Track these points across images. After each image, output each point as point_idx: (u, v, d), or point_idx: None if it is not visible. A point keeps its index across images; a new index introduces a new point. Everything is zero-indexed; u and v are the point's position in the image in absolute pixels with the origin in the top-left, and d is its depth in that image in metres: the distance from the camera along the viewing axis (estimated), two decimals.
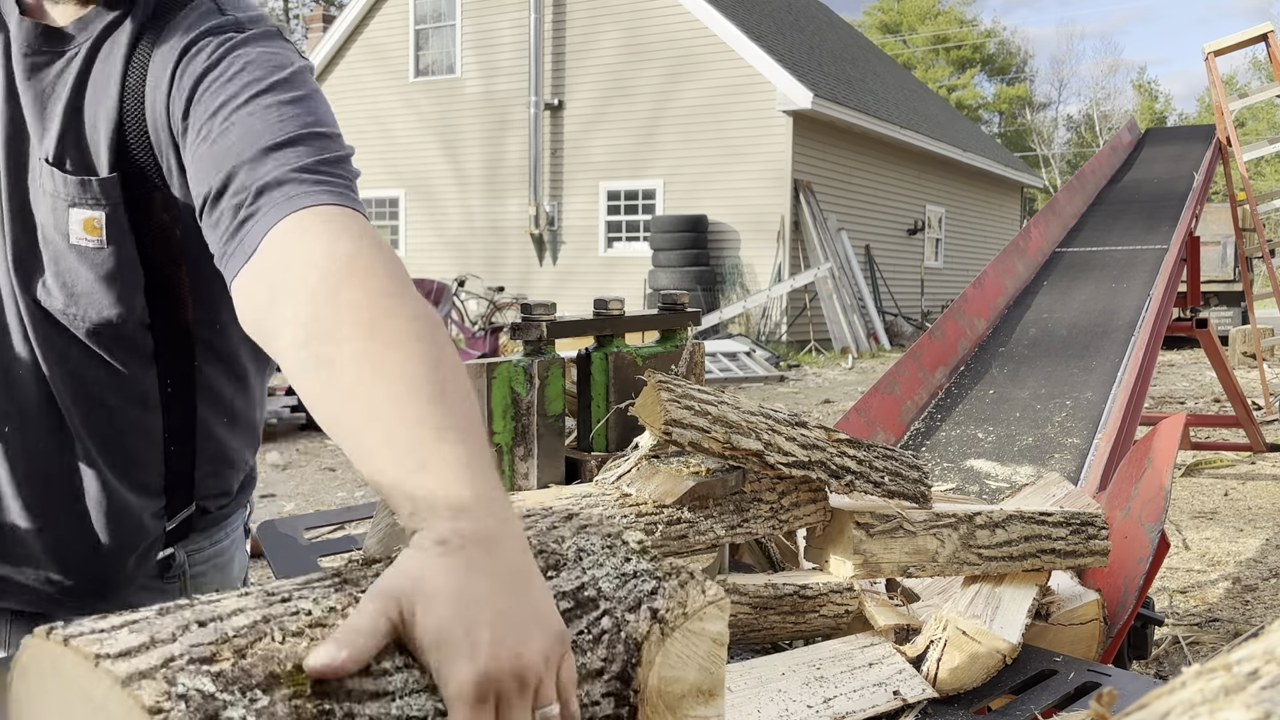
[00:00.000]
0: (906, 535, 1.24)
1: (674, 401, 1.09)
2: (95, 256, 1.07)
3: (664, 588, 0.73)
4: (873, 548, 1.23)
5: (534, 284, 17.07)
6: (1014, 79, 52.70)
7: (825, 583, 1.24)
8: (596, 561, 0.74)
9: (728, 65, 15.66)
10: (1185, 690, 0.37)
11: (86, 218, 1.06)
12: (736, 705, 1.03)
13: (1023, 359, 3.47)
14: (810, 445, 1.18)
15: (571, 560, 0.73)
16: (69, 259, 1.08)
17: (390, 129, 18.51)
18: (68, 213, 1.06)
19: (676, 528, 1.12)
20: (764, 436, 1.14)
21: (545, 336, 1.29)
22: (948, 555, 1.27)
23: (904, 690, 1.11)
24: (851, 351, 14.48)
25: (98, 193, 1.06)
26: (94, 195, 1.06)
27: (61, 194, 1.06)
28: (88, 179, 1.06)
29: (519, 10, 16.97)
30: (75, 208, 1.06)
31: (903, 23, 49.35)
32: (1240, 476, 6.38)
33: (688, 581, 0.75)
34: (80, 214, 1.06)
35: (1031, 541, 1.33)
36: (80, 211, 1.06)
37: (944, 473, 2.67)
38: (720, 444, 1.10)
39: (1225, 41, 6.94)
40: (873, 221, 17.82)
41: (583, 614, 0.70)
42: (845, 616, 1.25)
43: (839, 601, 1.24)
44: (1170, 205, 5.48)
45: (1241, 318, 14.94)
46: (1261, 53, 31.17)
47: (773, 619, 1.21)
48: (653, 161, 16.36)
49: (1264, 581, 4.20)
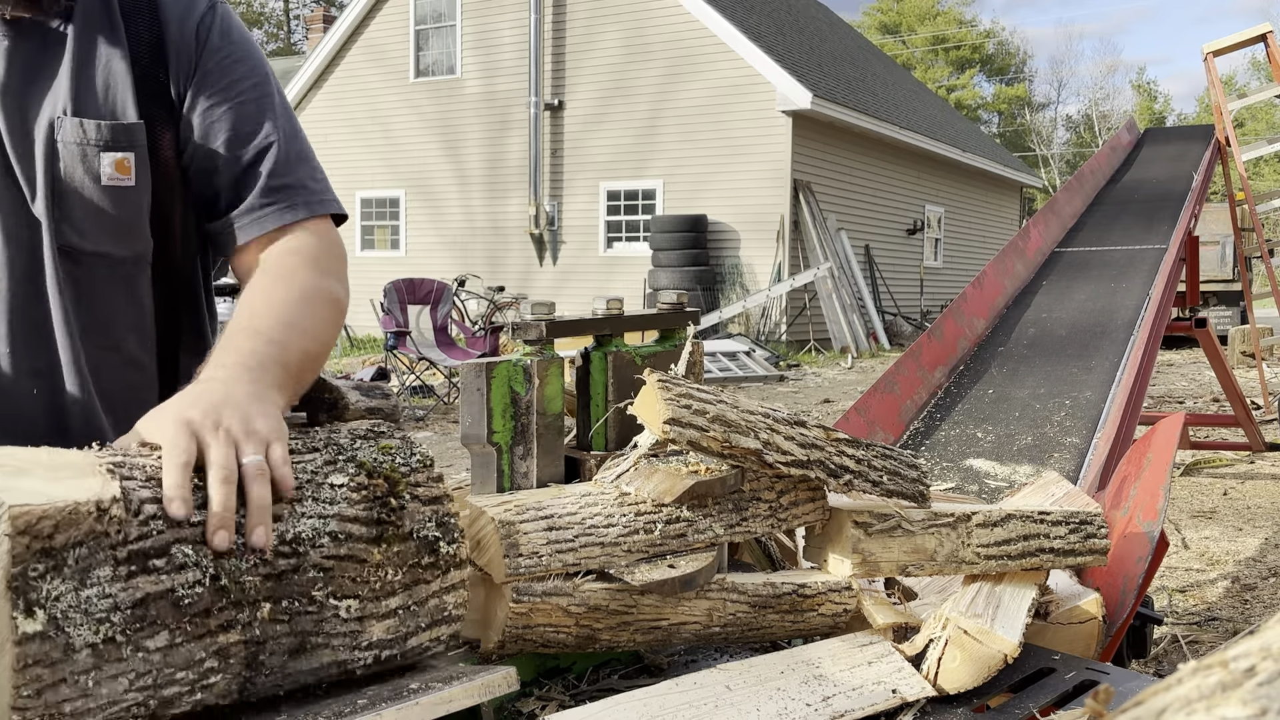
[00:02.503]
0: (905, 534, 1.25)
1: (672, 400, 1.09)
2: (127, 194, 1.21)
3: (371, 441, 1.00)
4: (871, 547, 1.23)
5: (534, 284, 17.07)
6: (1013, 79, 52.71)
7: (824, 581, 1.24)
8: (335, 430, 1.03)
9: (727, 65, 15.67)
10: (1182, 687, 0.37)
11: (119, 159, 1.19)
12: (735, 704, 1.03)
13: (1022, 358, 3.47)
14: (809, 444, 1.18)
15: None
16: (101, 199, 1.20)
17: (391, 129, 18.51)
18: (99, 156, 1.18)
19: (675, 526, 1.12)
20: (762, 435, 1.14)
21: (544, 336, 1.29)
22: (946, 554, 1.27)
23: (903, 689, 1.11)
24: (851, 351, 14.48)
25: (126, 137, 1.20)
26: (124, 139, 1.20)
27: (92, 140, 1.18)
28: (118, 124, 1.19)
29: (519, 10, 16.97)
30: (107, 151, 1.19)
31: (902, 23, 49.35)
32: (1239, 476, 6.38)
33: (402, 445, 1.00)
34: (112, 156, 1.19)
35: (1030, 540, 1.33)
36: (111, 155, 1.19)
37: (943, 472, 2.68)
38: (719, 443, 1.10)
39: (1224, 42, 6.94)
40: (872, 221, 17.82)
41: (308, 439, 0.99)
42: (844, 615, 1.25)
43: (837, 600, 1.24)
44: (1169, 205, 5.48)
45: (1240, 317, 14.95)
46: (1260, 53, 31.14)
47: (771, 618, 1.21)
48: (653, 161, 16.36)
49: (1263, 580, 4.20)
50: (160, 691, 0.78)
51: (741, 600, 1.18)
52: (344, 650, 0.89)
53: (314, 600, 0.87)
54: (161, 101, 1.23)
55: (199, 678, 0.80)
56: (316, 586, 0.87)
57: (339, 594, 0.89)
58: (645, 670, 1.21)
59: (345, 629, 0.89)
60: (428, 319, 9.95)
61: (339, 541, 0.90)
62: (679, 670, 1.19)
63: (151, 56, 1.22)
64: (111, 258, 1.22)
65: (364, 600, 0.90)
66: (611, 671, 1.20)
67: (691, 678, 1.06)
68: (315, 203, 1.28)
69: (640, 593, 1.10)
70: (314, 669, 0.87)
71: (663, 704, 1.00)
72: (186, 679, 0.80)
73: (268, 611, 0.84)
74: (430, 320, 9.96)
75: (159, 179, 1.24)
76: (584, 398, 1.37)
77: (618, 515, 1.11)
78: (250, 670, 0.83)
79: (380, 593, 0.91)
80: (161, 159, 1.23)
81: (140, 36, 1.22)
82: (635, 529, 1.10)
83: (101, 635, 0.75)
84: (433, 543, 0.95)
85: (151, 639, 0.78)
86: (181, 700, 0.80)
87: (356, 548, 0.90)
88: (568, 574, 1.08)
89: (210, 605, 0.81)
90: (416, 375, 9.88)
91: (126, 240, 1.23)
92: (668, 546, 1.12)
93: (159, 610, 0.79)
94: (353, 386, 1.15)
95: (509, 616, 1.04)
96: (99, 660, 0.75)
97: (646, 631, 1.13)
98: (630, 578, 1.10)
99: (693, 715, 1.00)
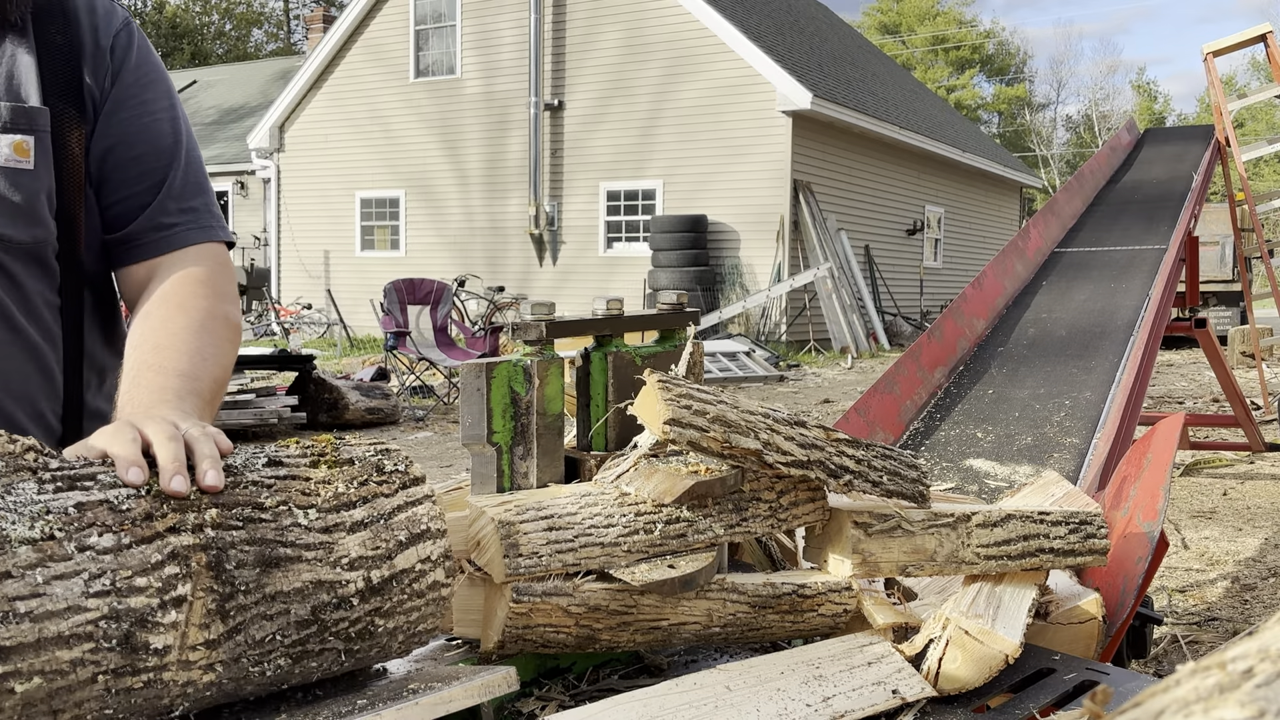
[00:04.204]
0: (905, 535, 1.25)
1: (673, 401, 1.09)
2: (24, 177, 1.22)
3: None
4: (871, 547, 1.23)
5: (534, 284, 17.07)
6: (1013, 79, 52.70)
7: (824, 582, 1.24)
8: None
9: (727, 66, 15.67)
10: (1180, 688, 0.37)
11: (17, 141, 1.21)
12: (735, 704, 1.03)
13: (1022, 359, 3.47)
14: (809, 444, 1.18)
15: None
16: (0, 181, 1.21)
17: (391, 129, 18.51)
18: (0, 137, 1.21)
19: (675, 526, 1.12)
20: (762, 436, 1.14)
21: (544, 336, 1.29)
22: (946, 555, 1.27)
23: (903, 689, 1.11)
24: (851, 351, 14.48)
25: (26, 120, 1.22)
26: (24, 122, 1.22)
27: None
28: (18, 106, 1.22)
29: (519, 10, 16.97)
30: (6, 133, 1.21)
31: (902, 23, 49.35)
32: (1239, 476, 6.38)
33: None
34: (10, 138, 1.21)
35: (1030, 540, 1.34)
36: (11, 136, 1.21)
37: (943, 472, 2.68)
38: (719, 443, 1.10)
39: (1224, 42, 6.94)
40: (872, 221, 17.82)
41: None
42: (844, 616, 1.25)
43: (837, 600, 1.24)
44: (1169, 205, 5.48)
45: (1240, 318, 14.95)
46: (1260, 53, 31.15)
47: (771, 618, 1.21)
48: (652, 161, 16.36)
49: (1262, 580, 4.20)
50: (126, 600, 0.76)
51: (741, 600, 1.18)
52: (323, 568, 0.87)
53: (264, 507, 0.87)
54: (71, 98, 1.26)
55: (164, 586, 0.78)
56: (262, 496, 0.87)
57: (290, 504, 0.88)
58: (645, 670, 1.21)
59: (313, 539, 0.87)
60: (428, 319, 9.95)
61: (275, 465, 0.91)
62: (679, 670, 1.19)
63: (63, 57, 1.26)
64: (7, 240, 1.23)
65: (322, 511, 0.89)
66: (611, 671, 1.20)
67: (691, 678, 1.06)
68: (216, 228, 1.37)
69: (640, 593, 1.10)
70: (297, 589, 0.85)
71: (663, 704, 1.00)
72: (150, 587, 0.77)
73: (215, 515, 0.83)
74: (430, 320, 9.97)
75: (64, 173, 1.26)
76: (584, 398, 1.38)
77: (618, 515, 1.11)
78: (221, 584, 0.81)
79: (337, 504, 0.91)
80: (68, 154, 1.26)
81: (51, 39, 1.26)
82: (635, 529, 1.10)
83: (39, 531, 0.75)
84: (376, 463, 0.96)
85: (95, 538, 0.77)
86: (156, 617, 0.77)
87: (296, 469, 0.92)
88: (568, 574, 1.08)
89: (151, 511, 0.81)
90: (416, 375, 9.88)
91: (24, 224, 1.24)
92: (668, 547, 1.12)
93: (96, 514, 0.78)
94: (353, 387, 1.16)
95: (509, 616, 1.04)
96: (42, 556, 0.74)
97: (646, 632, 1.13)
98: (630, 578, 1.10)
99: (693, 715, 1.00)
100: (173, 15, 44.55)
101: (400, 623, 0.93)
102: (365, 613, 0.90)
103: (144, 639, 0.76)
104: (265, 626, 0.83)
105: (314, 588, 0.86)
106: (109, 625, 0.75)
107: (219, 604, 0.81)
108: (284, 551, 0.85)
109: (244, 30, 47.54)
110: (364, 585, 0.89)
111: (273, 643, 0.84)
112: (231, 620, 0.81)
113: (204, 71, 30.36)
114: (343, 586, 0.88)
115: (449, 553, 0.97)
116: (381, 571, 0.91)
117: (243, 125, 23.01)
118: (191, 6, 45.79)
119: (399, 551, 0.92)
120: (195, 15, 46.05)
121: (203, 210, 1.36)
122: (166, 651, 0.77)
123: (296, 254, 19.51)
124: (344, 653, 0.89)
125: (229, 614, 0.81)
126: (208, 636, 0.80)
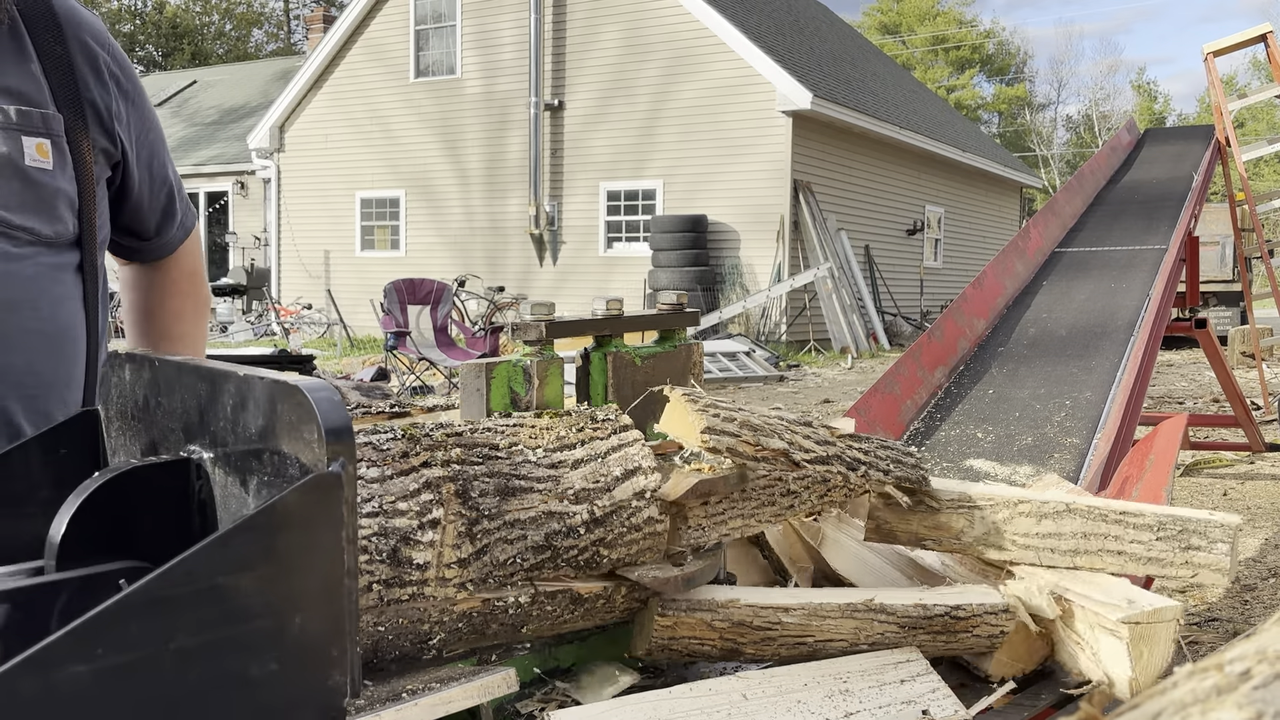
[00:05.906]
0: (928, 511, 1.31)
1: (703, 411, 1.13)
2: (45, 177, 1.31)
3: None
4: (887, 515, 1.31)
5: (534, 284, 17.07)
6: (1013, 79, 52.69)
7: (980, 604, 1.20)
8: None
9: (727, 66, 15.66)
10: (1177, 690, 0.37)
11: (39, 143, 1.30)
12: (750, 714, 1.01)
13: (1022, 359, 3.47)
14: (824, 441, 1.22)
15: None
16: (24, 179, 1.29)
17: (391, 129, 18.51)
18: (21, 140, 1.28)
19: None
20: (785, 436, 1.17)
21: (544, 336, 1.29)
22: (977, 536, 1.29)
23: (934, 710, 1.07)
24: (851, 351, 14.48)
25: (44, 125, 1.31)
26: (43, 126, 1.31)
27: (15, 123, 1.28)
28: (39, 111, 1.31)
29: (519, 10, 16.97)
30: (29, 135, 1.29)
31: (902, 23, 49.34)
32: (1239, 476, 6.38)
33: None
34: (34, 140, 1.30)
35: (1089, 539, 1.29)
36: (33, 139, 1.30)
37: (943, 472, 2.68)
38: (751, 446, 1.13)
39: (1224, 42, 6.94)
40: (872, 221, 17.82)
41: None
42: (1000, 638, 1.20)
43: (994, 622, 1.19)
44: (1169, 205, 5.48)
45: (1240, 318, 14.94)
46: (1261, 53, 31.11)
47: (922, 638, 1.18)
48: (652, 161, 16.36)
49: (1263, 581, 4.20)
50: (391, 521, 0.89)
51: (890, 621, 1.16)
52: (552, 499, 1.00)
53: (498, 447, 1.01)
54: (74, 107, 1.35)
55: (421, 509, 0.91)
56: (496, 438, 1.02)
57: (521, 444, 1.03)
58: (645, 670, 1.21)
59: (542, 473, 1.01)
60: (428, 319, 9.95)
61: (505, 416, 1.09)
62: (676, 672, 1.19)
63: (64, 67, 1.35)
64: (34, 233, 1.31)
65: (548, 450, 1.03)
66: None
67: (707, 684, 1.04)
68: (190, 216, 1.61)
69: (784, 610, 1.13)
70: (532, 518, 0.97)
71: (672, 708, 0.99)
72: (410, 510, 0.90)
73: (459, 453, 0.97)
74: (430, 320, 9.97)
75: (79, 175, 1.36)
76: (584, 398, 1.38)
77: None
78: (468, 509, 0.94)
79: (560, 445, 1.05)
80: (80, 158, 1.35)
81: (50, 49, 1.34)
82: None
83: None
84: (590, 414, 1.11)
85: (364, 469, 0.91)
86: (416, 535, 0.90)
87: (521, 419, 1.07)
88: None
89: (406, 450, 0.95)
90: (416, 375, 9.88)
91: (47, 219, 1.32)
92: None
93: (363, 452, 0.92)
94: (353, 387, 1.19)
95: (655, 629, 1.09)
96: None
97: (791, 648, 1.14)
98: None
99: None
100: (173, 15, 44.53)
101: (622, 554, 1.03)
102: (590, 542, 1.01)
103: (408, 554, 0.89)
104: (507, 550, 0.95)
105: (545, 517, 0.98)
106: (379, 541, 0.88)
107: (468, 527, 0.93)
108: (518, 483, 0.99)
109: (244, 30, 47.52)
110: (588, 517, 1.01)
111: (513, 564, 0.96)
112: (478, 542, 0.94)
113: (204, 71, 30.35)
114: (570, 517, 1.00)
115: (659, 488, 1.07)
116: (602, 503, 1.02)
117: (243, 125, 22.99)
118: (191, 6, 45.77)
119: (616, 485, 1.04)
120: (195, 15, 46.03)
121: (187, 206, 1.59)
122: (426, 567, 0.90)
123: (296, 254, 19.52)
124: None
125: (476, 536, 0.94)
126: (459, 555, 0.92)
